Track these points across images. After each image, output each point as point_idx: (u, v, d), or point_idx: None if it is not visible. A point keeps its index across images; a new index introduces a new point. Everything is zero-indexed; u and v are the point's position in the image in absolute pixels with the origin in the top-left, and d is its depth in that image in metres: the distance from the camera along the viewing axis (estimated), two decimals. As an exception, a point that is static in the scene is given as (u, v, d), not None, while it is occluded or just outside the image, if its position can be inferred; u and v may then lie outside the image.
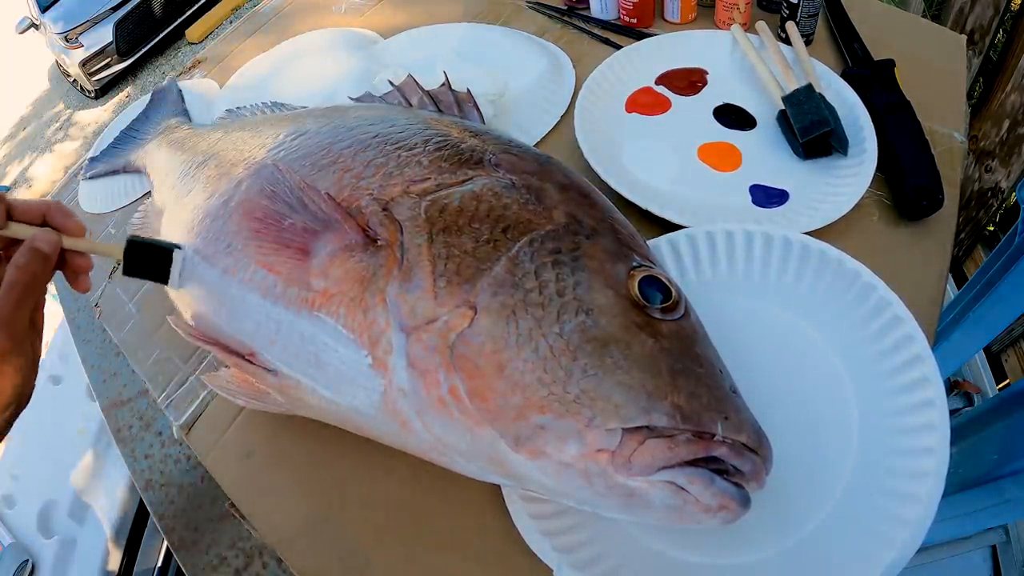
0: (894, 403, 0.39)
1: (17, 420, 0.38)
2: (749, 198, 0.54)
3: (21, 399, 0.35)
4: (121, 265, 0.40)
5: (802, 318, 0.44)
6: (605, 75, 0.66)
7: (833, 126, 0.53)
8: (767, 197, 0.54)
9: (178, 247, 0.43)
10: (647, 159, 0.59)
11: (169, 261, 0.42)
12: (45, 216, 0.37)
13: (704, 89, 0.64)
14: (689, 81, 0.65)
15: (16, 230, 0.36)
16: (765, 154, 0.57)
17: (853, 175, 0.52)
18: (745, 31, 0.65)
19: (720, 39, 0.66)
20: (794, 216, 0.51)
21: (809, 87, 0.56)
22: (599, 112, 0.63)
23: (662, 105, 0.63)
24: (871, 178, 0.51)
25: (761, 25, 0.63)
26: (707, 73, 0.65)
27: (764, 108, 0.60)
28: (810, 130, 0.53)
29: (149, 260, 0.42)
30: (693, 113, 0.62)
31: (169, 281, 0.42)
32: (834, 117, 0.54)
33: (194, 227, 0.48)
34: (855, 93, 0.56)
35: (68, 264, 0.38)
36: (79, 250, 0.37)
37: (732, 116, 0.61)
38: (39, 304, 0.36)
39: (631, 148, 0.60)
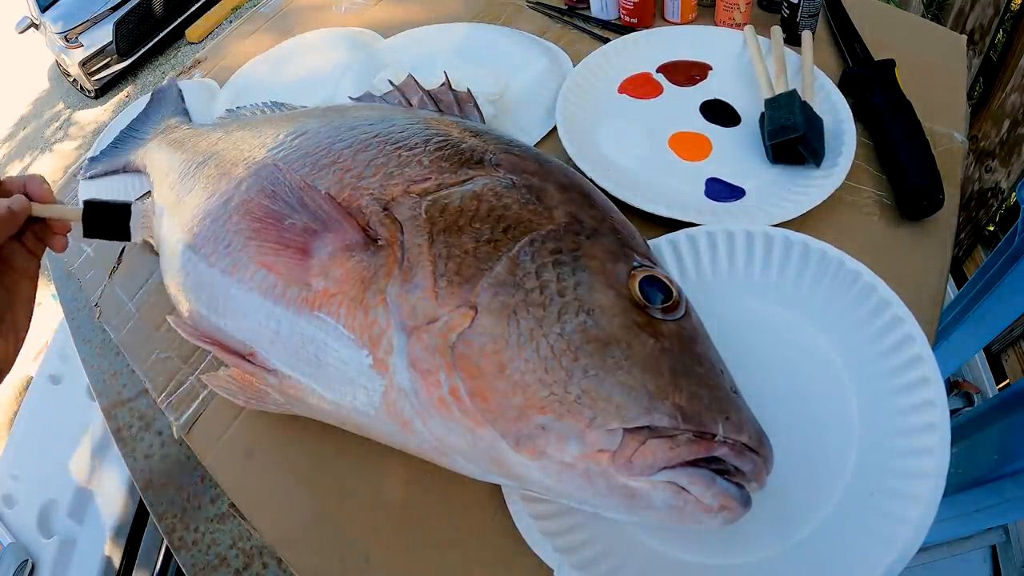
0: (895, 403, 0.39)
1: (17, 420, 0.39)
2: (703, 189, 0.55)
3: None
4: (81, 227, 0.44)
5: (803, 318, 0.44)
6: (607, 54, 0.67)
7: (805, 133, 0.52)
8: (721, 191, 0.55)
9: (131, 202, 0.45)
10: (618, 137, 0.61)
11: (126, 218, 0.45)
12: (25, 186, 0.42)
13: (701, 83, 0.64)
14: (689, 74, 0.65)
15: None
16: (736, 152, 0.58)
17: (814, 187, 0.52)
18: (756, 32, 0.65)
19: (732, 38, 0.66)
20: (741, 214, 0.52)
21: (792, 92, 0.55)
22: (588, 86, 0.65)
23: (653, 91, 0.65)
24: (830, 192, 0.51)
25: (775, 30, 0.63)
26: (710, 69, 0.65)
27: (753, 109, 0.61)
28: (778, 133, 0.53)
29: (107, 221, 0.45)
30: (680, 103, 0.63)
31: (132, 236, 0.45)
32: (813, 127, 0.54)
33: (194, 227, 0.48)
34: (849, 109, 0.56)
35: (47, 226, 0.43)
36: (44, 215, 0.42)
37: (717, 111, 0.62)
38: (24, 270, 0.42)
39: (608, 125, 0.62)
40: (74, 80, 4.21)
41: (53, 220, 0.43)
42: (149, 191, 0.69)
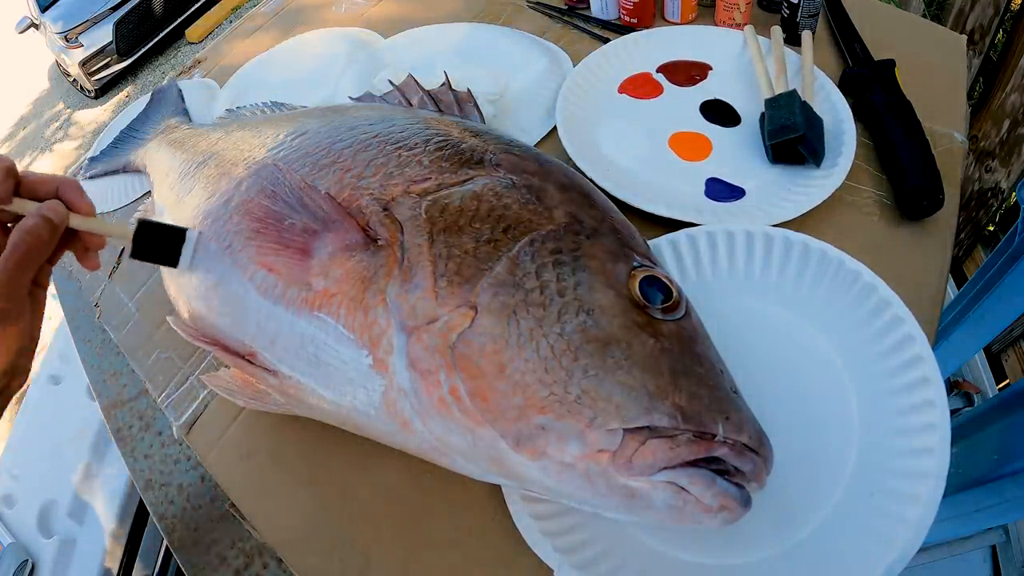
0: (895, 403, 0.39)
1: (17, 420, 0.38)
2: (703, 189, 0.55)
3: (15, 371, 0.35)
4: (129, 247, 0.39)
5: (803, 318, 0.44)
6: (607, 54, 0.67)
7: (804, 133, 0.52)
8: (721, 191, 0.55)
9: (187, 229, 0.42)
10: (618, 137, 0.61)
11: (178, 243, 0.41)
12: (58, 190, 0.36)
13: (701, 83, 0.64)
14: (689, 74, 0.65)
15: (21, 206, 0.35)
16: (736, 152, 0.58)
17: (814, 187, 0.52)
18: (756, 32, 0.65)
19: (731, 38, 0.66)
20: (740, 213, 0.52)
21: (792, 92, 0.55)
22: (588, 86, 0.65)
23: (653, 91, 0.64)
24: (830, 192, 0.51)
25: (775, 30, 0.63)
26: (710, 69, 0.65)
27: (753, 109, 0.60)
28: (778, 133, 0.53)
29: (158, 243, 0.41)
30: (680, 103, 0.63)
31: (180, 263, 0.41)
32: (813, 127, 0.54)
33: (194, 227, 0.48)
34: (849, 109, 0.56)
35: (79, 240, 0.38)
36: (86, 230, 0.37)
37: (717, 111, 0.62)
38: (43, 282, 0.37)
39: (608, 125, 0.62)
40: (74, 80, 4.21)
41: (89, 235, 0.37)
42: (149, 191, 0.69)
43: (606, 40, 0.71)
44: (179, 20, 4.12)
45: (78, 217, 0.36)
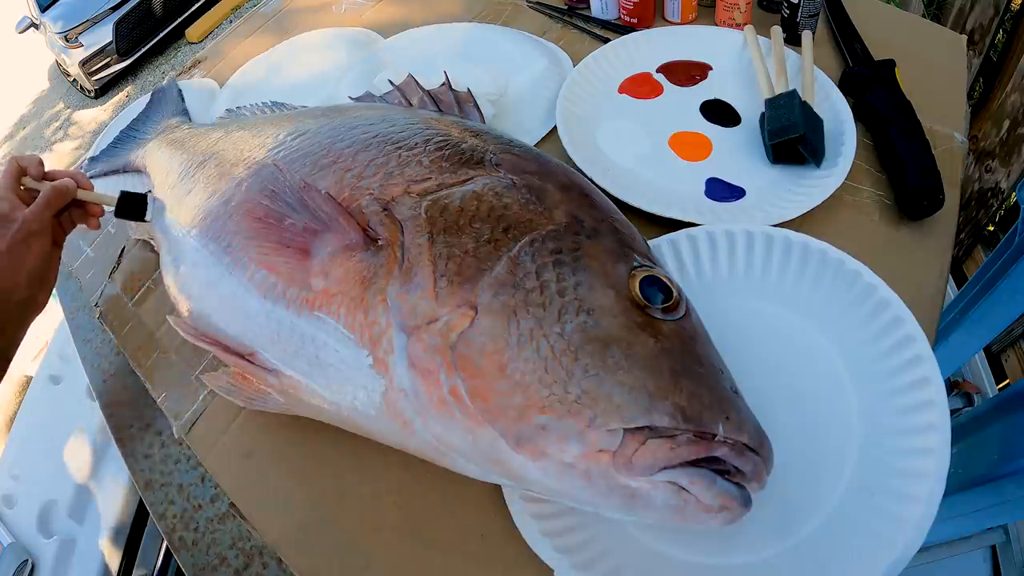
0: (895, 403, 0.39)
1: (17, 420, 0.39)
2: (703, 189, 0.55)
3: (42, 285, 0.50)
4: (114, 208, 0.55)
5: (803, 318, 0.44)
6: (607, 54, 0.67)
7: (805, 133, 0.52)
8: (721, 191, 0.55)
9: (147, 192, 0.57)
10: (618, 137, 0.61)
11: (144, 205, 0.56)
12: (72, 177, 0.54)
13: (701, 83, 0.65)
14: (689, 74, 0.65)
15: (43, 186, 0.51)
16: (737, 152, 0.58)
17: (814, 187, 0.52)
18: (756, 32, 0.65)
19: (732, 38, 0.66)
20: (740, 214, 0.52)
21: (792, 92, 0.55)
22: (588, 86, 0.65)
23: (654, 92, 0.64)
24: (830, 192, 0.51)
25: (775, 30, 0.63)
26: (710, 69, 0.65)
27: (753, 108, 0.60)
28: (779, 134, 0.54)
29: (133, 206, 0.56)
30: (680, 103, 0.63)
31: (146, 216, 0.56)
32: (813, 127, 0.54)
33: (194, 227, 0.48)
34: (849, 109, 0.56)
35: (84, 209, 0.55)
36: (87, 200, 0.54)
37: (717, 111, 0.61)
38: (59, 240, 0.53)
39: (608, 125, 0.62)
40: (74, 80, 4.21)
41: (91, 204, 0.54)
42: (149, 191, 0.69)
43: (606, 40, 0.71)
44: (179, 20, 4.12)
45: (83, 191, 0.53)
